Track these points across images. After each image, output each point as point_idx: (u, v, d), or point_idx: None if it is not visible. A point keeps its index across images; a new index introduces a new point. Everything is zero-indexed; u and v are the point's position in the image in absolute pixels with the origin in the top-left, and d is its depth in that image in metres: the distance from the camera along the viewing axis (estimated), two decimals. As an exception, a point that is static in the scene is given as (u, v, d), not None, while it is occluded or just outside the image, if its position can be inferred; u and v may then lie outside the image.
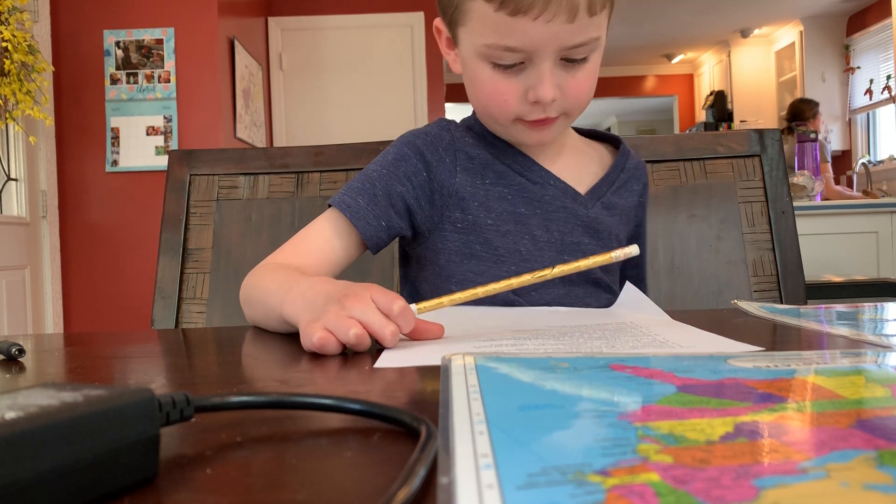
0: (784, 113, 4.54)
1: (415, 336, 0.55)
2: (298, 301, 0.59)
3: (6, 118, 2.65)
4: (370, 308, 0.52)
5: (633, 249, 0.60)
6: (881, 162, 5.56)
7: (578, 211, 0.83)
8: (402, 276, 0.94)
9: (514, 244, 0.81)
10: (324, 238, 0.80)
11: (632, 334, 0.54)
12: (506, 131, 0.80)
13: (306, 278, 0.65)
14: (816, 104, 4.33)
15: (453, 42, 0.79)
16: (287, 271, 0.71)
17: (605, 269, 0.85)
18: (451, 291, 0.83)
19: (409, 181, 0.81)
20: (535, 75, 0.71)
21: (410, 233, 0.83)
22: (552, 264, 0.71)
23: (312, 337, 0.51)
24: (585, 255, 0.81)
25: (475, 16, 0.71)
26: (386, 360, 0.48)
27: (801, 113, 4.27)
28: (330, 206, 0.80)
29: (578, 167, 0.86)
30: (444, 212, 0.82)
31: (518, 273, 0.78)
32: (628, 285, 0.77)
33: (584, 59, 0.72)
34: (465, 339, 0.56)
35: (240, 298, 0.76)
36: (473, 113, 0.87)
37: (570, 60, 0.72)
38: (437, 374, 0.42)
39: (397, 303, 0.53)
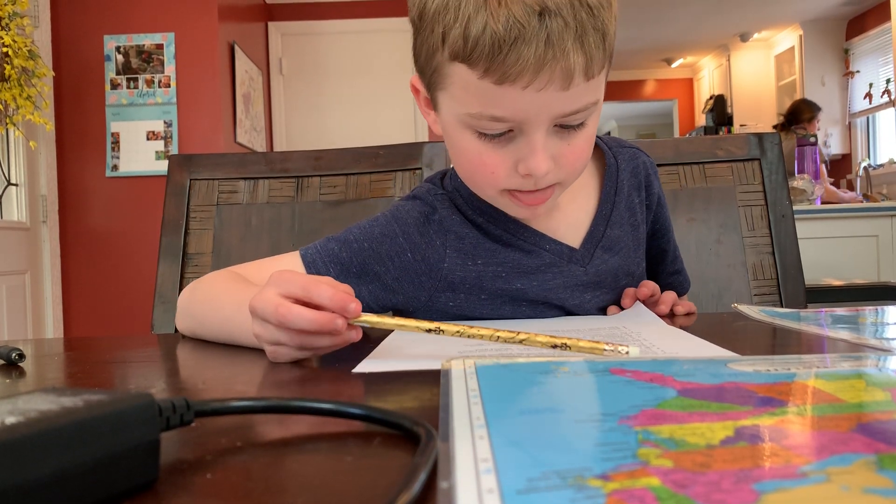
0: (784, 111, 4.53)
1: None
2: (236, 331, 0.60)
3: (6, 123, 2.65)
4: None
5: (633, 350, 0.47)
6: (881, 165, 5.56)
7: (576, 271, 0.78)
8: None
9: (513, 315, 0.78)
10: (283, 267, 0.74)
11: (620, 340, 0.54)
12: (494, 202, 0.73)
13: (235, 294, 0.63)
14: (818, 109, 4.31)
15: (432, 105, 0.71)
16: (236, 282, 0.69)
17: (630, 273, 0.82)
18: None
19: (391, 261, 0.75)
20: (526, 146, 0.63)
21: (387, 311, 0.79)
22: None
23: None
24: (588, 313, 0.79)
25: (457, 80, 0.62)
26: (367, 366, 0.48)
27: (798, 113, 4.25)
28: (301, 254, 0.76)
29: (572, 210, 0.80)
30: (433, 293, 0.77)
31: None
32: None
33: (580, 125, 0.65)
34: (451, 345, 0.56)
35: (179, 307, 0.74)
36: (446, 177, 0.82)
37: (565, 127, 0.64)
38: (436, 378, 0.42)
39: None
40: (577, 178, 0.71)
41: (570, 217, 0.79)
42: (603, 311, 0.80)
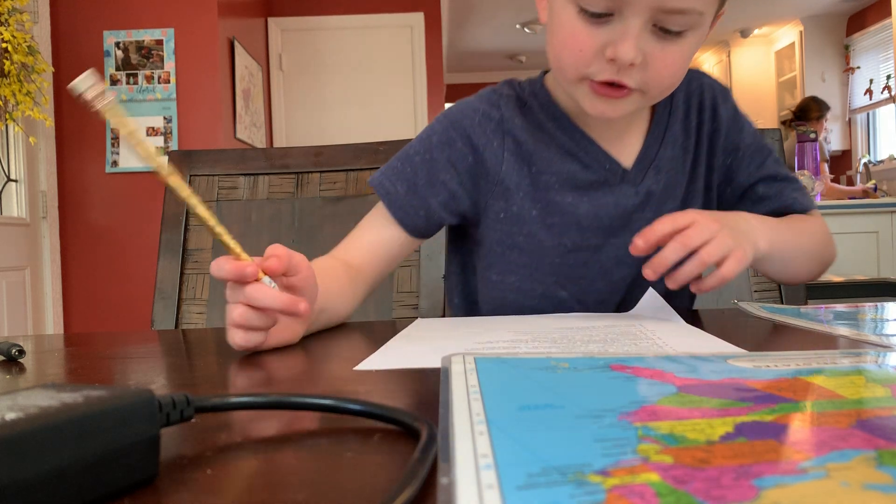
0: (785, 112, 4.51)
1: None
2: None
3: (6, 119, 2.65)
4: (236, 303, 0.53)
5: None
6: (881, 162, 5.56)
7: (627, 191, 0.78)
8: (450, 249, 0.91)
9: (560, 236, 0.77)
10: (373, 230, 0.78)
11: (632, 338, 0.54)
12: (572, 91, 0.72)
13: None
14: (827, 108, 4.27)
15: None
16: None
17: (675, 195, 0.79)
18: (491, 282, 0.81)
19: (454, 167, 0.77)
20: (620, 31, 0.64)
21: (455, 220, 0.81)
22: (596, 250, 0.73)
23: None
24: (633, 233, 0.77)
25: None
26: (369, 364, 0.48)
27: (807, 111, 4.23)
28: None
29: (626, 129, 0.79)
30: (489, 199, 0.78)
31: (560, 267, 0.78)
32: (650, 291, 0.75)
33: (679, 34, 0.64)
34: (459, 341, 0.56)
35: None
36: (535, 78, 0.81)
37: (664, 29, 0.64)
38: (436, 375, 0.42)
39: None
40: (662, 93, 0.70)
41: (624, 136, 0.78)
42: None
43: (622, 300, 0.81)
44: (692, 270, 0.61)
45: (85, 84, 0.43)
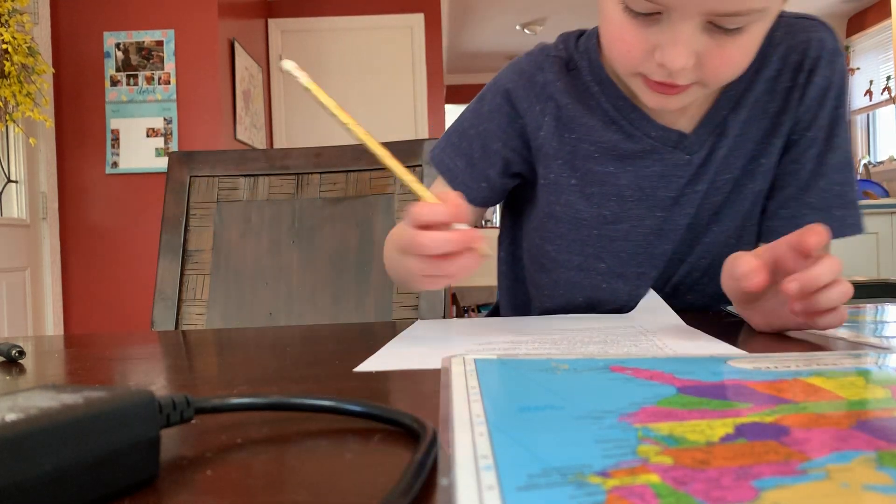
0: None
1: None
2: (401, 273, 0.65)
3: (6, 120, 2.65)
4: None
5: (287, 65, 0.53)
6: (881, 163, 5.56)
7: (679, 159, 0.71)
8: (504, 209, 0.90)
9: (598, 208, 0.74)
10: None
11: (632, 339, 0.54)
12: (627, 81, 0.67)
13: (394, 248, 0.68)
14: None
15: None
16: (392, 238, 0.74)
17: (733, 168, 0.72)
18: (534, 245, 0.81)
19: (505, 133, 0.76)
20: (669, 34, 0.57)
21: (517, 181, 0.80)
22: (638, 222, 0.71)
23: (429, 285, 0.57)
24: (681, 207, 0.73)
25: None
26: (369, 365, 0.48)
27: None
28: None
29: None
30: (536, 164, 0.77)
31: (599, 238, 0.75)
32: (650, 293, 0.74)
33: (738, 30, 0.57)
34: (459, 343, 0.56)
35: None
36: (584, 36, 0.77)
37: (719, 27, 0.57)
38: (436, 376, 0.42)
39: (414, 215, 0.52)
40: (724, 83, 0.64)
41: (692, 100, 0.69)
42: (700, 211, 0.73)
43: (661, 274, 0.77)
44: (836, 298, 0.49)
45: (290, 65, 0.49)
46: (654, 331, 0.58)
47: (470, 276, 0.54)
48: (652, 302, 0.73)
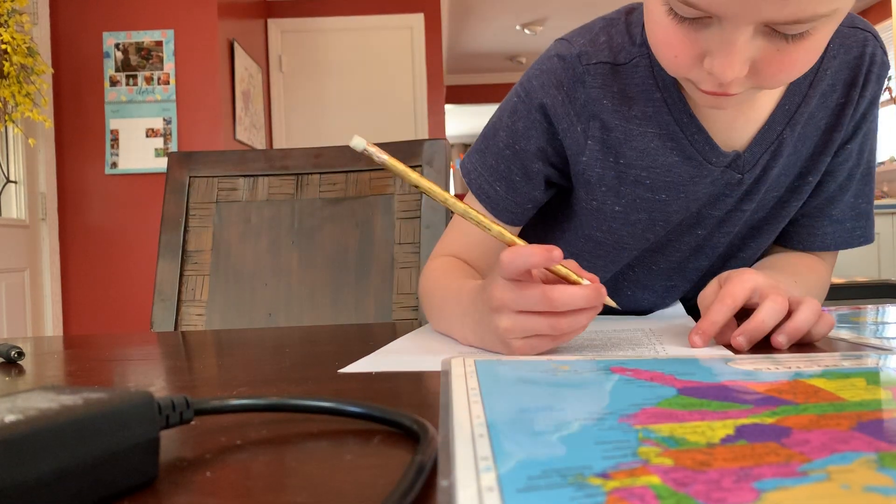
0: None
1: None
2: (469, 334, 0.55)
3: (6, 120, 2.65)
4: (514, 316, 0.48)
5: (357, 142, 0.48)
6: (882, 163, 5.56)
7: (730, 178, 0.66)
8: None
9: (644, 232, 0.70)
10: (479, 231, 0.71)
11: (633, 343, 0.54)
12: (680, 80, 0.62)
13: (459, 304, 0.58)
14: None
15: None
16: (445, 287, 0.64)
17: (779, 186, 0.69)
18: (576, 260, 0.71)
19: (544, 153, 0.69)
20: (720, 41, 0.51)
21: (555, 193, 0.74)
22: (677, 239, 0.67)
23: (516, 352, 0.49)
24: (723, 225, 0.69)
25: None
26: (366, 365, 0.48)
27: None
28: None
29: (749, 101, 0.64)
30: (574, 184, 0.71)
31: (637, 259, 0.71)
32: (677, 305, 0.73)
33: (802, 35, 0.50)
34: (459, 344, 0.56)
35: (419, 288, 0.73)
36: (634, 31, 0.67)
37: (779, 32, 0.50)
38: (436, 378, 0.42)
39: (511, 266, 0.47)
40: (782, 85, 0.58)
41: (743, 110, 0.65)
42: (752, 231, 0.71)
43: (692, 288, 0.75)
44: (791, 335, 0.50)
45: (361, 144, 0.47)
46: (657, 335, 0.58)
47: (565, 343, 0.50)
48: (672, 311, 0.73)
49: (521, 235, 0.85)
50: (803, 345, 0.51)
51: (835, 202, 0.72)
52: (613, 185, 0.68)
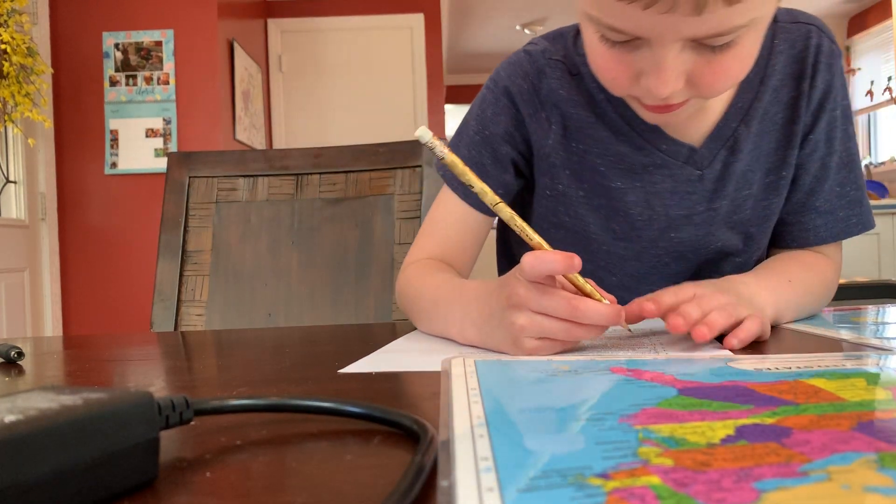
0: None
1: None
2: (470, 330, 0.55)
3: (5, 120, 2.65)
4: (530, 313, 0.48)
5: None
6: (882, 163, 5.56)
7: (690, 174, 0.69)
8: (499, 227, 0.87)
9: (607, 221, 0.72)
10: (455, 219, 0.74)
11: (631, 346, 0.54)
12: (624, 99, 0.66)
13: (458, 300, 0.58)
14: None
15: None
16: (435, 286, 0.65)
17: (751, 182, 0.70)
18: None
19: (511, 136, 0.73)
20: (651, 60, 0.54)
21: (525, 182, 0.77)
22: (652, 244, 0.69)
23: (526, 352, 0.49)
24: (697, 227, 0.70)
25: None
26: (365, 366, 0.48)
27: None
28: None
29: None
30: (538, 174, 0.74)
31: (609, 255, 0.73)
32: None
33: (728, 44, 0.53)
34: (454, 346, 0.56)
35: (398, 296, 0.73)
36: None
37: (705, 45, 0.53)
38: (436, 378, 0.42)
39: (535, 270, 0.47)
40: (721, 93, 0.59)
41: (701, 108, 0.67)
42: (723, 224, 0.71)
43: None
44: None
45: (427, 135, 0.47)
46: (657, 338, 0.58)
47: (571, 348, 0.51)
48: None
49: (499, 234, 0.86)
50: (797, 342, 0.51)
51: (816, 193, 0.72)
52: (576, 169, 0.72)
